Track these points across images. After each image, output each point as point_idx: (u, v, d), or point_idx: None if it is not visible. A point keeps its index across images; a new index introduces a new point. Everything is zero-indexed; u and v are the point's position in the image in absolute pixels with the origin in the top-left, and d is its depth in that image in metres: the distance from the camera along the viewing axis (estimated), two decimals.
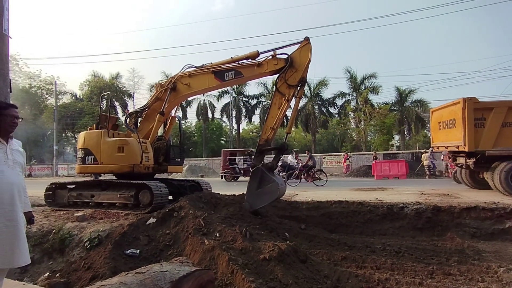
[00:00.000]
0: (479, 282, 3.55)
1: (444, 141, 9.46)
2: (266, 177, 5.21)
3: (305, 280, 3.35)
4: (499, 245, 5.30)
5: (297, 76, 5.38)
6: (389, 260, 4.16)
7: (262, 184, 5.19)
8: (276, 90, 5.55)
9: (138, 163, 6.08)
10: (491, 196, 7.25)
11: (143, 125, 6.93)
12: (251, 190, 5.29)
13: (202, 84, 6.26)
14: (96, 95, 35.03)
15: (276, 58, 5.57)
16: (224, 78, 5.96)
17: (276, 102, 5.51)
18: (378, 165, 18.00)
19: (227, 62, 6.01)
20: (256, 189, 5.22)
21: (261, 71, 5.77)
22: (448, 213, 6.03)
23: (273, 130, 5.44)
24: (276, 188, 5.16)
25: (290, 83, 5.39)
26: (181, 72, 6.42)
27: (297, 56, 5.44)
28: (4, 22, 3.86)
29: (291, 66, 5.39)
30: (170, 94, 6.38)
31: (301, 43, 5.46)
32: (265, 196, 5.20)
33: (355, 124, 32.62)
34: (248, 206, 5.27)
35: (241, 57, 5.91)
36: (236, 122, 38.75)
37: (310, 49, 5.40)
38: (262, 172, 5.23)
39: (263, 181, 5.20)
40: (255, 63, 5.77)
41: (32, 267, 5.05)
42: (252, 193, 5.28)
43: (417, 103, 33.22)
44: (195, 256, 3.87)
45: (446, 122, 9.25)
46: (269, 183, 5.16)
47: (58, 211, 6.42)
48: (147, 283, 1.46)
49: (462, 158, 8.91)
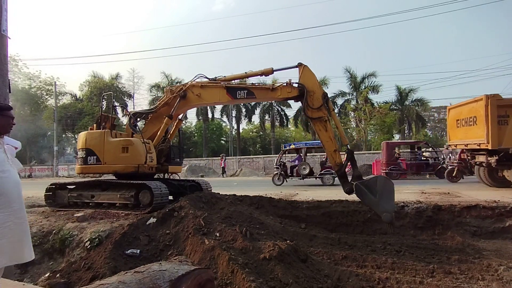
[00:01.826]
0: (480, 280, 3.55)
1: (463, 139, 9.28)
2: (368, 183, 5.06)
3: (306, 280, 3.35)
4: (500, 243, 5.30)
5: (318, 96, 5.45)
6: (390, 259, 4.15)
7: (373, 190, 4.97)
8: (312, 119, 5.57)
9: (143, 163, 6.09)
10: (492, 195, 7.24)
11: (147, 127, 6.92)
12: (374, 203, 4.99)
13: (213, 97, 6.26)
14: (96, 96, 35.06)
15: (290, 86, 5.62)
16: (236, 96, 5.96)
17: (320, 128, 5.49)
18: (378, 164, 17.97)
19: (240, 77, 6.07)
20: (376, 198, 4.96)
21: (274, 96, 5.83)
22: (448, 212, 6.02)
23: (336, 151, 5.41)
24: (384, 178, 5.10)
25: (317, 105, 5.44)
26: (193, 81, 6.39)
27: (306, 80, 5.52)
28: (3, 22, 3.85)
29: (308, 92, 5.44)
30: (180, 102, 6.34)
31: (298, 69, 5.56)
32: (386, 194, 4.94)
33: (355, 123, 32.62)
34: (388, 215, 4.88)
35: (255, 73, 5.98)
36: (236, 122, 38.78)
37: (309, 69, 5.55)
38: (361, 184, 5.06)
39: (371, 187, 4.99)
40: (269, 87, 5.86)
41: (32, 268, 5.06)
42: (378, 204, 4.97)
43: (418, 102, 33.24)
44: (195, 256, 3.87)
45: (466, 119, 9.09)
46: (376, 183, 5.00)
47: (58, 212, 6.42)
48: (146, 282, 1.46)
49: (483, 156, 8.75)
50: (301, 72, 5.57)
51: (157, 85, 37.97)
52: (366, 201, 5.11)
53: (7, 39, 4.07)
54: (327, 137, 5.46)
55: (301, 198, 7.35)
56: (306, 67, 5.56)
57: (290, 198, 7.44)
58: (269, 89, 5.84)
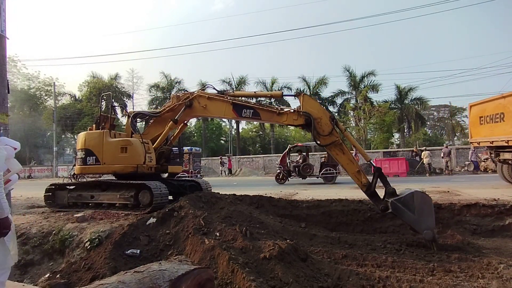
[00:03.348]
0: (480, 278, 3.54)
1: (488, 136, 9.12)
2: (404, 200, 4.76)
3: (306, 279, 3.35)
4: (499, 241, 5.30)
5: (326, 121, 5.34)
6: (390, 257, 4.15)
7: (410, 206, 4.72)
8: (325, 146, 5.42)
9: (142, 164, 6.08)
10: (491, 193, 7.25)
11: (149, 130, 6.91)
12: (413, 220, 4.75)
13: (218, 111, 6.20)
14: (95, 96, 35.02)
15: (297, 113, 5.50)
16: (242, 114, 5.89)
17: (337, 153, 5.32)
18: (378, 163, 17.99)
19: (249, 95, 6.08)
20: (415, 215, 4.71)
21: (279, 120, 5.77)
22: (448, 210, 6.03)
23: (360, 172, 5.22)
24: (421, 193, 4.81)
25: (328, 131, 5.30)
26: (200, 91, 6.36)
27: (309, 108, 5.41)
28: (1, 23, 3.84)
29: (315, 120, 5.34)
30: (185, 110, 6.29)
31: (298, 98, 5.57)
32: (425, 209, 4.74)
33: (354, 122, 32.64)
34: (430, 232, 4.64)
35: (264, 94, 6.20)
36: (236, 121, 38.74)
37: (309, 97, 5.64)
38: (397, 201, 4.81)
39: (407, 204, 4.73)
40: (276, 111, 5.77)
41: (32, 268, 5.05)
42: (417, 221, 4.74)
43: (417, 101, 33.26)
44: (196, 256, 3.87)
45: (491, 116, 8.92)
46: (413, 199, 4.72)
47: (58, 212, 6.41)
48: (146, 281, 1.46)
49: (508, 153, 8.62)
50: (302, 101, 5.46)
51: (156, 85, 37.95)
52: (405, 219, 4.87)
53: (6, 39, 4.06)
54: (347, 160, 5.29)
55: (301, 198, 7.35)
56: (306, 95, 5.56)
57: (290, 198, 7.44)
58: (276, 113, 5.73)
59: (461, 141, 41.89)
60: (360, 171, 5.22)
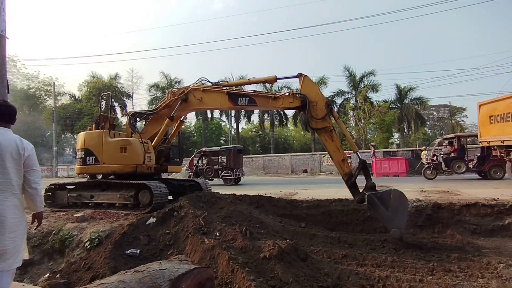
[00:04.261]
0: (479, 278, 3.55)
1: (498, 135, 9.11)
2: (381, 195, 4.84)
3: (306, 278, 3.35)
4: (499, 241, 5.30)
5: (321, 106, 5.32)
6: (390, 257, 4.16)
7: (385, 203, 4.76)
8: (317, 130, 5.43)
9: (141, 163, 6.07)
10: (491, 193, 7.25)
11: (147, 128, 6.91)
12: (385, 217, 4.79)
13: (214, 102, 6.23)
14: (95, 96, 35.01)
15: (292, 96, 5.52)
16: (238, 102, 5.89)
17: (326, 139, 5.35)
18: (378, 163, 18.01)
19: (243, 83, 5.99)
20: (388, 212, 4.74)
21: (275, 105, 5.75)
22: (448, 210, 6.03)
23: (344, 161, 5.25)
24: (399, 192, 4.83)
25: (321, 115, 5.29)
26: (195, 84, 6.36)
27: (307, 91, 5.40)
28: (0, 22, 3.84)
29: (310, 103, 5.32)
30: (181, 105, 6.31)
31: (299, 79, 5.48)
32: (400, 208, 4.75)
33: (354, 122, 32.63)
34: (398, 231, 4.66)
35: (258, 80, 5.93)
36: (235, 121, 38.74)
37: (310, 80, 5.49)
38: (374, 195, 4.88)
39: (383, 200, 4.78)
40: (271, 96, 5.77)
41: (32, 268, 5.05)
42: (389, 219, 4.77)
43: (417, 101, 33.23)
44: (195, 256, 3.87)
45: (502, 115, 8.91)
46: (389, 196, 4.76)
47: (58, 212, 6.41)
48: (146, 281, 1.46)
49: None
50: (301, 83, 5.46)
51: (156, 85, 37.93)
52: (378, 214, 4.93)
53: (5, 39, 4.06)
54: (334, 147, 5.32)
55: (300, 197, 7.34)
56: (307, 78, 5.49)
57: (290, 197, 7.44)
58: (271, 97, 5.76)
59: None
60: (344, 160, 5.27)
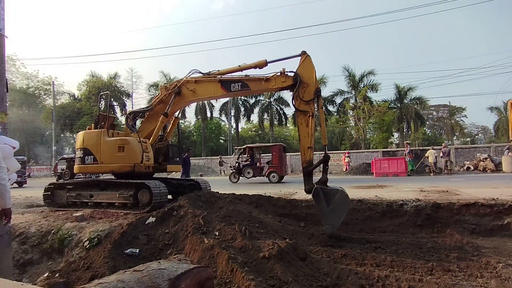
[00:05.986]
0: (478, 278, 3.55)
1: None
2: (327, 191, 4.94)
3: (305, 278, 3.35)
4: (498, 241, 5.31)
5: (310, 90, 5.29)
6: (389, 257, 4.16)
7: (329, 200, 4.87)
8: (297, 110, 5.42)
9: (139, 163, 6.07)
10: (490, 192, 7.26)
11: (144, 126, 6.90)
12: (324, 212, 4.91)
13: (207, 92, 6.22)
14: (94, 95, 35.00)
15: (284, 75, 5.48)
16: (230, 88, 5.90)
17: (302, 122, 5.34)
18: (377, 162, 18.01)
19: (234, 70, 5.94)
20: (328, 209, 4.86)
21: (268, 86, 5.73)
22: (447, 209, 6.03)
23: (310, 149, 5.23)
24: (344, 194, 4.92)
25: (307, 99, 5.28)
26: (187, 77, 6.36)
27: (303, 71, 5.35)
28: (0, 21, 3.83)
29: (301, 83, 5.30)
30: (175, 98, 6.33)
31: (300, 58, 5.40)
32: (339, 209, 4.87)
33: (354, 122, 32.67)
34: (330, 228, 4.81)
35: (249, 65, 5.88)
36: (235, 121, 38.80)
37: (311, 61, 5.38)
38: (321, 189, 4.96)
39: (328, 197, 4.89)
40: (263, 78, 5.72)
41: (31, 268, 5.04)
42: (326, 215, 4.88)
43: (416, 101, 33.31)
44: (195, 255, 3.86)
45: None
46: (334, 195, 4.88)
47: (57, 211, 6.40)
48: (145, 280, 1.45)
49: None
50: (302, 61, 5.38)
51: (155, 84, 37.93)
52: (319, 207, 5.04)
53: (4, 38, 4.05)
54: (306, 133, 5.31)
55: (300, 197, 7.34)
56: (308, 58, 5.38)
57: (289, 197, 7.44)
58: (263, 79, 5.71)
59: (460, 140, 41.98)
60: (310, 148, 5.24)
